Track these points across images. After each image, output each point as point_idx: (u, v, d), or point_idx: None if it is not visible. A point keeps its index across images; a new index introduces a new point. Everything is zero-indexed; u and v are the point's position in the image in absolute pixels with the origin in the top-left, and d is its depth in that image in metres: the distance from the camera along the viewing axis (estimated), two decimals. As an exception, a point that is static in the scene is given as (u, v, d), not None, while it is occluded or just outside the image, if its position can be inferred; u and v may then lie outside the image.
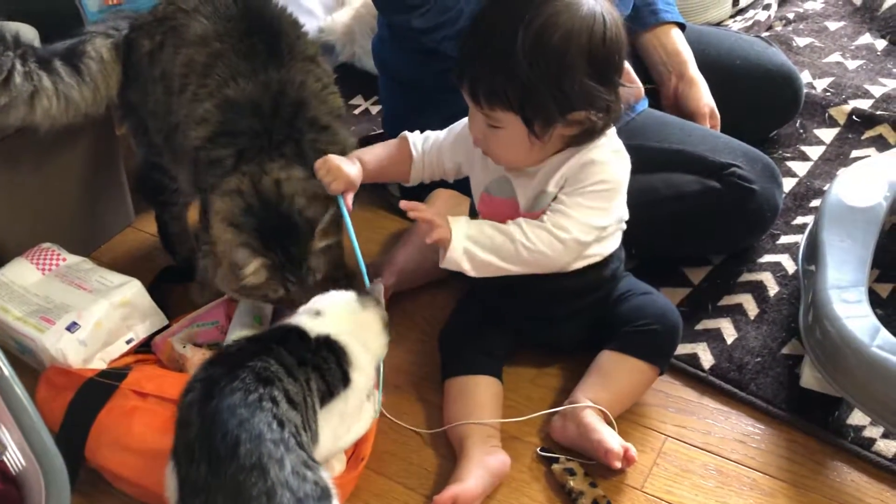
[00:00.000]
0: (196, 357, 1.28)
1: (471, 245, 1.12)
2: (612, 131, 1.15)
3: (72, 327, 1.28)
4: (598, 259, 1.20)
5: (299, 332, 1.07)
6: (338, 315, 1.10)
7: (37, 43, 1.42)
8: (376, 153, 1.25)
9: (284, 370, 1.01)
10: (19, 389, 0.94)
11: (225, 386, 0.97)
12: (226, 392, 0.96)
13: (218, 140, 1.27)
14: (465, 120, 1.20)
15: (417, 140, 1.26)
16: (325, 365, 1.05)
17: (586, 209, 1.13)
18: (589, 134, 1.11)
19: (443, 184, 1.34)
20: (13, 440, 0.99)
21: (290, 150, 1.25)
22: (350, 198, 1.19)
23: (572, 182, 1.13)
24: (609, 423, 1.17)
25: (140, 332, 1.35)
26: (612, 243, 1.21)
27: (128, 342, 1.34)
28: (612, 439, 1.13)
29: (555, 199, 1.14)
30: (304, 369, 1.03)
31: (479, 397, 1.21)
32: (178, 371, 1.28)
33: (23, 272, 1.39)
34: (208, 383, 0.99)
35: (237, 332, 1.28)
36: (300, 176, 1.23)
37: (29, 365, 1.32)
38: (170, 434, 1.15)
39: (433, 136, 1.26)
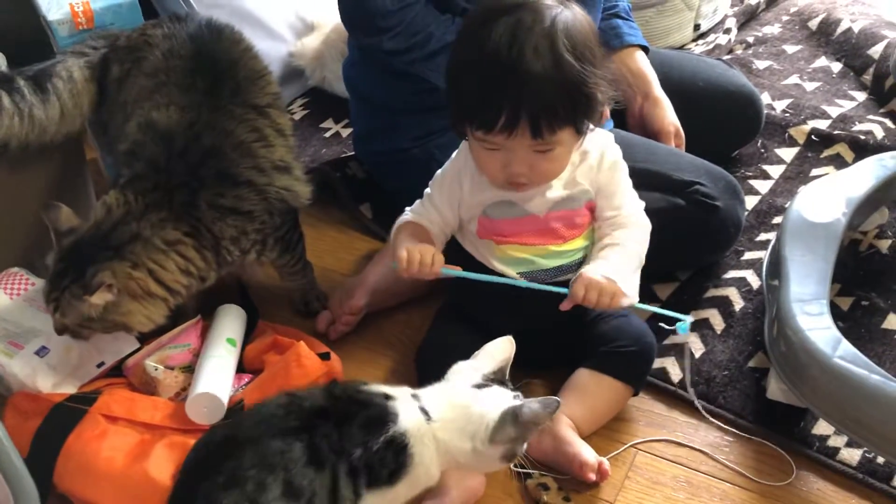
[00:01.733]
0: (168, 380, 1.28)
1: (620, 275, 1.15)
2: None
3: (41, 352, 1.27)
4: None
5: (371, 419, 0.99)
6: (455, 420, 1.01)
7: (3, 67, 1.43)
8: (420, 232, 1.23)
9: (309, 456, 0.95)
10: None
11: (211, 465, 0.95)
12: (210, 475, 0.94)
13: (127, 159, 1.27)
14: (443, 171, 1.24)
15: (416, 216, 1.25)
16: (379, 466, 0.98)
17: (630, 188, 1.22)
18: (594, 121, 1.16)
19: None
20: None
21: (181, 198, 1.23)
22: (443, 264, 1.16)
23: (611, 181, 1.20)
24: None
25: (111, 356, 1.33)
26: None
27: (98, 366, 1.32)
28: (587, 452, 1.14)
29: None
30: (344, 462, 0.96)
31: None
32: (150, 394, 1.28)
33: (-4, 297, 1.38)
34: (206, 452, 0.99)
35: (210, 355, 1.28)
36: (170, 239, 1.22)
37: (-3, 392, 1.31)
38: (139, 458, 1.15)
39: (424, 205, 1.25)
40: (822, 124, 1.79)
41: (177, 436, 1.19)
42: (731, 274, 1.49)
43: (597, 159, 1.19)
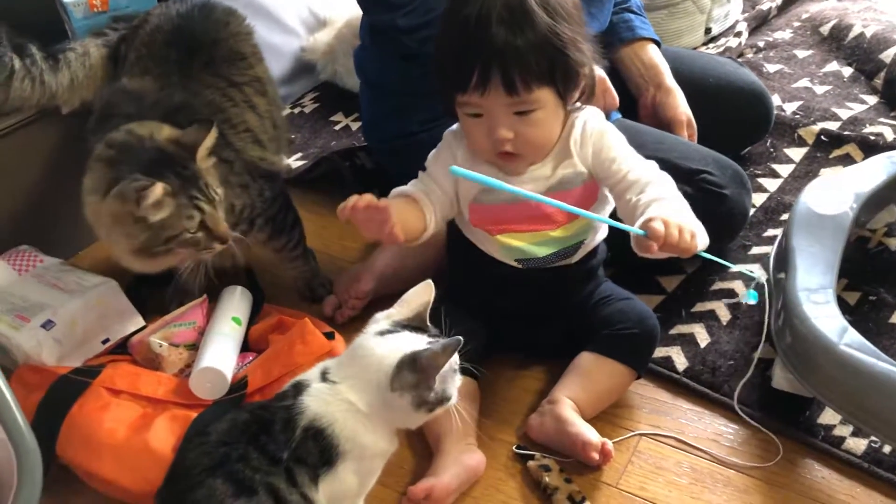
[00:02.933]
0: (172, 356, 1.28)
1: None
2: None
3: (47, 325, 1.27)
4: (593, 246, 1.24)
5: (285, 420, 0.96)
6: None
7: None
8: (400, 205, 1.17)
9: (233, 488, 0.92)
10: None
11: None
12: None
13: (100, 122, 1.28)
14: (438, 148, 1.22)
15: (412, 189, 1.21)
16: (307, 456, 0.95)
17: (634, 152, 1.18)
18: (583, 96, 1.15)
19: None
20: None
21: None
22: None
23: (601, 149, 1.16)
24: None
25: (116, 333, 1.34)
26: (605, 230, 1.25)
27: (103, 342, 1.33)
28: (590, 432, 1.14)
29: (590, 174, 1.17)
30: (278, 472, 0.93)
31: (465, 398, 1.21)
32: (155, 371, 1.28)
33: (-1, 273, 1.38)
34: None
35: (215, 332, 1.28)
36: (167, 133, 1.21)
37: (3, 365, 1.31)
38: (140, 430, 1.15)
39: (421, 178, 1.23)
40: (832, 126, 1.79)
41: (179, 409, 1.19)
42: (739, 267, 1.48)
43: (580, 132, 1.16)
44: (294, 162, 1.86)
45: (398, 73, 1.49)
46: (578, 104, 1.17)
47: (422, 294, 1.04)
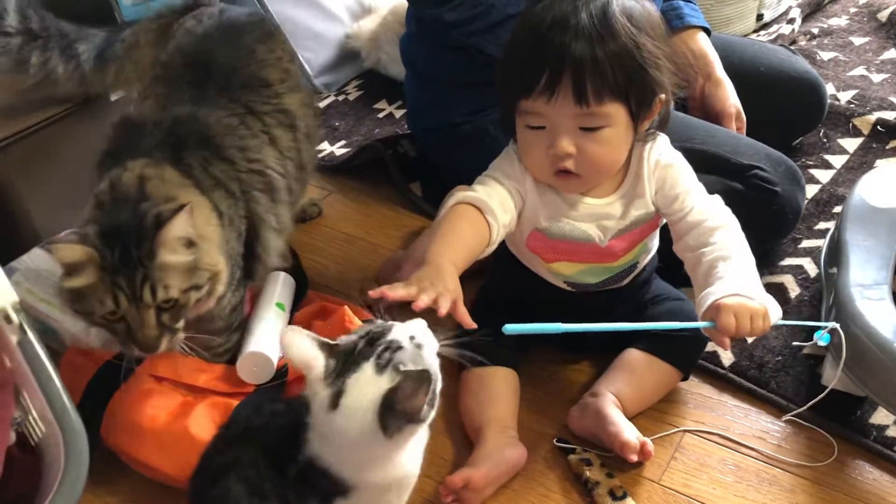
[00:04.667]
0: (216, 341, 1.29)
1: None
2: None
3: (95, 309, 1.29)
4: (644, 264, 1.23)
5: (294, 437, 0.88)
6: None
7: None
8: (459, 245, 1.05)
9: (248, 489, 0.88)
10: (42, 353, 0.95)
11: None
12: None
13: (102, 162, 1.16)
14: (501, 161, 1.14)
15: (478, 194, 1.09)
16: (317, 484, 0.88)
17: (700, 185, 1.13)
18: (657, 126, 1.11)
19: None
20: (35, 408, 1.00)
21: (164, 154, 1.12)
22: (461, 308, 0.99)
23: (665, 181, 1.12)
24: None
25: (161, 318, 1.35)
26: (657, 243, 1.23)
27: (149, 326, 1.34)
28: (629, 432, 1.12)
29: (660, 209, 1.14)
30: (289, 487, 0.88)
31: (497, 389, 1.20)
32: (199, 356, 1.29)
33: (48, 257, 1.40)
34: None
35: (260, 318, 1.29)
36: (172, 179, 1.08)
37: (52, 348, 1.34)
38: (180, 417, 1.16)
39: (486, 180, 1.13)
40: (890, 115, 1.74)
41: (219, 397, 1.20)
42: (788, 261, 1.45)
43: (653, 166, 1.12)
44: (338, 149, 1.86)
45: (444, 63, 1.48)
46: (651, 132, 1.11)
47: (301, 341, 0.88)
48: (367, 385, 0.84)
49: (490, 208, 1.08)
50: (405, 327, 0.89)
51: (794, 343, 1.29)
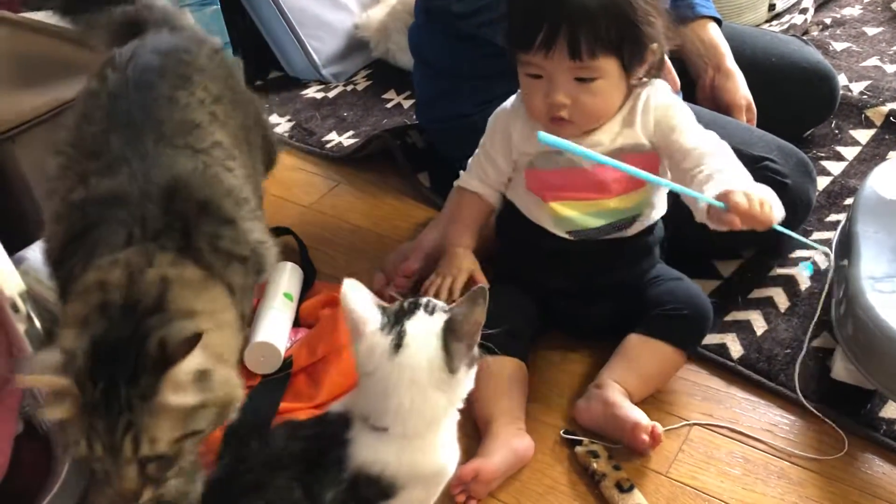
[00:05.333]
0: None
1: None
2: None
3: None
4: (651, 222, 1.23)
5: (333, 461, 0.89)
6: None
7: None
8: (464, 227, 1.27)
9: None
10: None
11: None
12: None
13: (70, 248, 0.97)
14: (496, 115, 1.23)
15: (471, 179, 1.27)
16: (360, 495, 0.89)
17: (694, 125, 1.16)
18: (649, 73, 1.14)
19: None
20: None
21: (175, 243, 0.93)
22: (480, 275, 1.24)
23: (664, 118, 1.15)
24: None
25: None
26: (663, 208, 1.24)
27: (157, 316, 1.34)
28: (639, 415, 1.12)
29: (652, 147, 1.16)
30: None
31: (507, 381, 1.20)
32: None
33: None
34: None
35: (268, 308, 1.29)
36: (194, 279, 0.91)
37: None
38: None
39: (478, 158, 1.26)
40: (903, 107, 1.72)
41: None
42: (798, 254, 1.44)
43: (643, 104, 1.15)
44: (346, 140, 1.86)
45: (453, 54, 1.47)
46: (644, 79, 1.15)
47: (361, 295, 0.91)
48: (425, 322, 0.90)
49: (483, 185, 1.25)
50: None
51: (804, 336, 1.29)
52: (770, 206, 1.03)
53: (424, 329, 0.89)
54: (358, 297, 0.91)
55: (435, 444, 0.92)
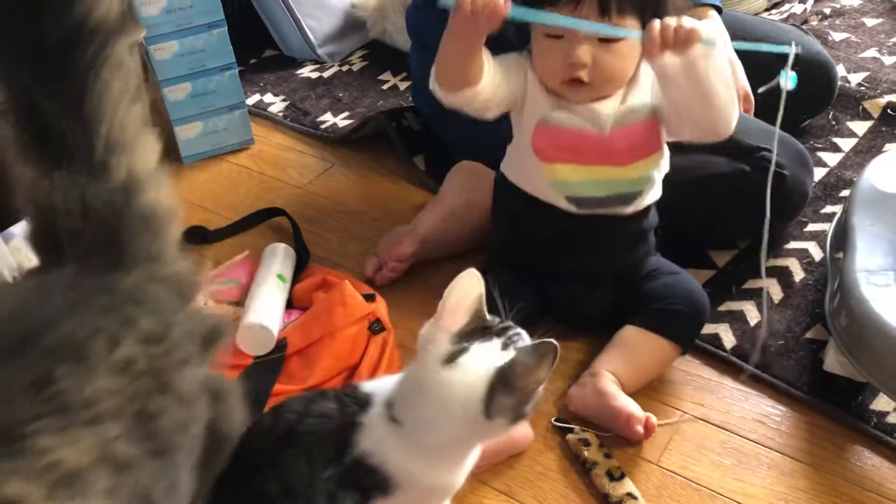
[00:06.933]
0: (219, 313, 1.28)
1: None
2: None
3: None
4: (647, 203, 1.21)
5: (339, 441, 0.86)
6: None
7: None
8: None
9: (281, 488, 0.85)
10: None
11: None
12: None
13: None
14: (512, 60, 1.15)
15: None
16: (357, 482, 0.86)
17: None
18: None
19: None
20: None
21: None
22: None
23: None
24: None
25: (160, 287, 1.34)
26: (659, 191, 1.22)
27: (148, 296, 1.33)
28: (633, 406, 1.12)
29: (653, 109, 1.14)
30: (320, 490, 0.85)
31: None
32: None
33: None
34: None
35: (260, 289, 1.28)
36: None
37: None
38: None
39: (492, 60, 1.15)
40: (900, 99, 1.72)
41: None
42: (793, 245, 1.44)
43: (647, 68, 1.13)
44: (341, 121, 1.84)
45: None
46: None
47: (470, 289, 0.88)
48: (491, 355, 0.84)
49: (491, 70, 1.12)
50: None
51: (796, 327, 1.29)
52: (689, 31, 1.02)
53: (484, 362, 0.83)
54: (471, 290, 0.86)
55: (443, 463, 0.87)
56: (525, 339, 0.87)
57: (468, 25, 1.05)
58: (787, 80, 1.09)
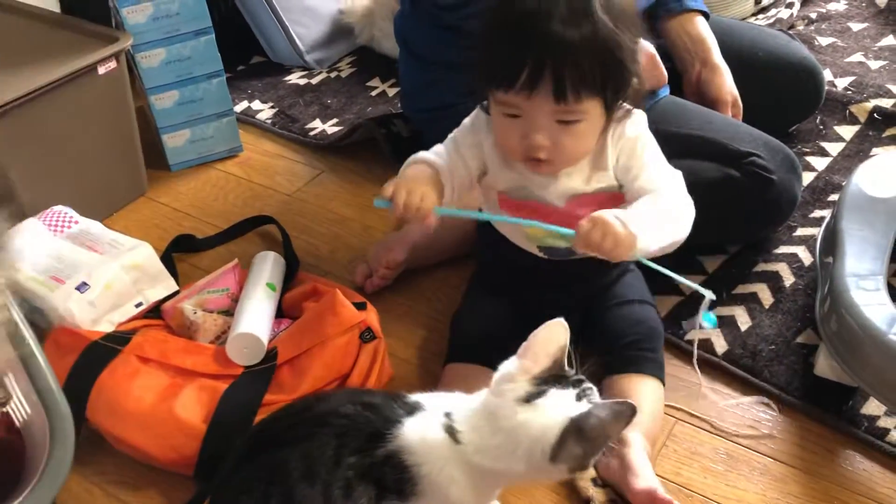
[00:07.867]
0: (207, 323, 1.27)
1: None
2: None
3: (81, 287, 1.27)
4: None
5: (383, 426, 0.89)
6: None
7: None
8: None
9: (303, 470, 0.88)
10: (28, 334, 0.93)
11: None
12: None
13: None
14: (472, 121, 1.15)
15: (430, 155, 1.15)
16: (380, 477, 0.88)
17: (661, 161, 1.11)
18: (626, 106, 1.08)
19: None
20: (20, 389, 0.98)
21: None
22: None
23: (626, 154, 1.09)
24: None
25: (150, 297, 1.34)
26: None
27: (137, 306, 1.32)
28: (655, 484, 1.05)
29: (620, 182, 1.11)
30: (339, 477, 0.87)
31: (477, 388, 1.18)
32: (189, 338, 1.27)
33: (35, 232, 1.38)
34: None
35: (250, 298, 1.28)
36: None
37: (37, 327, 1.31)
38: (167, 399, 1.14)
39: (447, 148, 1.16)
40: (886, 103, 1.73)
41: (207, 380, 1.19)
42: (783, 249, 1.45)
43: (616, 140, 1.09)
44: (329, 128, 1.83)
45: (439, 43, 1.45)
46: (621, 112, 1.09)
47: (556, 336, 0.90)
48: (567, 403, 0.86)
49: (447, 178, 1.10)
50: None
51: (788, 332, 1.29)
52: (617, 242, 0.97)
53: (560, 409, 0.85)
54: (558, 337, 0.89)
55: (483, 486, 0.89)
56: (596, 395, 0.89)
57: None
58: (706, 321, 1.06)
